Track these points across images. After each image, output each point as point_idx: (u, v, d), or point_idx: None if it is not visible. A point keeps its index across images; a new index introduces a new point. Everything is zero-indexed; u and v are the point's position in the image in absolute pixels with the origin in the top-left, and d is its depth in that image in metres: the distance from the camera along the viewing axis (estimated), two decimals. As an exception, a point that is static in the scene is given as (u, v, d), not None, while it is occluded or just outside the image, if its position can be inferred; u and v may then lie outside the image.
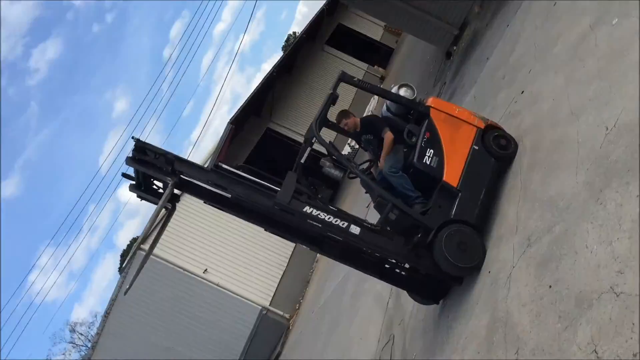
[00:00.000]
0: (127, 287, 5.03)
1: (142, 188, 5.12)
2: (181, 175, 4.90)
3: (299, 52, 25.17)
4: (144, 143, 4.83)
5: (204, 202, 5.40)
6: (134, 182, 5.12)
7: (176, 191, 5.06)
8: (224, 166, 5.00)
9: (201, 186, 5.12)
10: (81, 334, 45.58)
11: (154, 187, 5.15)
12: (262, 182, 5.06)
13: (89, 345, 38.13)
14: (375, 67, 27.36)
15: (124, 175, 5.20)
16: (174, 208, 5.30)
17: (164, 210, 5.16)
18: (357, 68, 26.76)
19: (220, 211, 5.40)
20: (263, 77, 20.40)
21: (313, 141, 5.02)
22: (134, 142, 4.80)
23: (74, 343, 45.59)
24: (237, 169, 5.12)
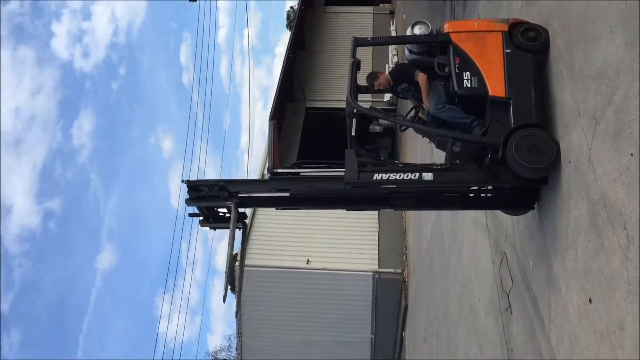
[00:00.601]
0: (236, 310, 5.39)
1: (211, 220, 5.41)
2: (239, 195, 5.16)
3: (304, 24, 25.03)
4: (195, 181, 5.13)
5: (276, 209, 5.64)
6: (201, 218, 5.41)
7: (242, 210, 5.33)
8: (279, 170, 5.21)
9: (261, 196, 5.41)
10: (224, 359, 47.88)
11: (221, 214, 5.42)
12: (323, 168, 5.25)
13: (235, 366, 40.05)
14: (381, 5, 26.87)
15: (191, 214, 5.48)
16: (245, 225, 5.56)
17: (238, 230, 5.44)
18: (364, 14, 26.41)
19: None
20: (280, 62, 20.51)
21: (355, 112, 5.13)
22: (186, 185, 5.09)
23: (222, 369, 47.95)
24: (291, 168, 5.32)
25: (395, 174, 4.75)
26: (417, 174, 4.75)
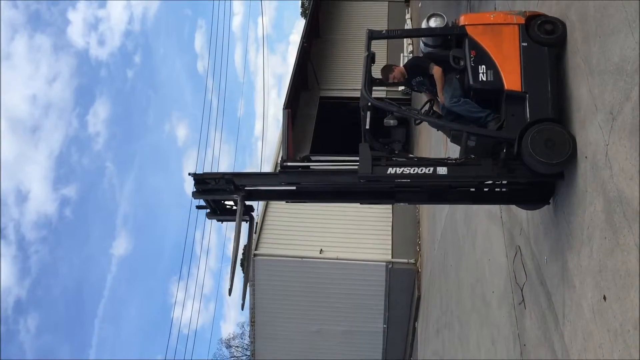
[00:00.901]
0: (242, 301, 5.40)
1: (218, 212, 5.41)
2: (246, 188, 5.17)
3: (319, 12, 24.92)
4: (201, 174, 5.13)
5: (286, 202, 5.64)
6: (209, 210, 5.41)
7: (249, 203, 5.34)
8: (290, 163, 5.20)
9: (269, 190, 5.45)
10: (237, 347, 48.33)
11: (228, 206, 5.41)
12: (333, 161, 5.24)
13: (248, 354, 40.49)
14: (395, -8, 26.66)
15: (198, 207, 5.47)
16: (252, 218, 5.54)
17: (245, 223, 5.44)
18: (379, 2, 26.22)
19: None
20: (295, 50, 20.49)
21: (369, 104, 5.10)
22: (192, 178, 5.10)
23: (235, 356, 48.45)
24: (302, 161, 5.31)
25: (409, 168, 4.73)
26: (432, 168, 4.72)
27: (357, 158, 4.78)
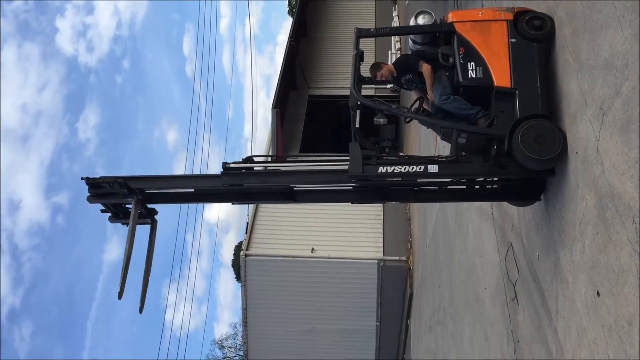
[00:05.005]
0: (140, 305, 5.34)
1: (121, 216, 5.30)
2: (146, 191, 5.10)
3: (306, 12, 24.87)
4: (94, 179, 5.01)
5: (232, 204, 5.52)
6: (110, 214, 5.31)
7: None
8: (232, 165, 5.07)
9: (173, 192, 5.38)
10: (230, 347, 48.25)
11: (129, 210, 5.27)
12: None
13: (241, 354, 40.40)
14: (382, -10, 26.65)
15: (102, 211, 5.34)
16: (154, 221, 5.46)
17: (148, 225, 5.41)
18: (366, 0, 26.20)
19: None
20: (283, 50, 20.44)
21: (358, 103, 5.06)
22: (85, 183, 4.99)
23: (228, 357, 48.36)
24: (244, 162, 5.17)
25: (400, 167, 4.70)
26: (423, 167, 4.69)
27: (319, 155, 4.71)
